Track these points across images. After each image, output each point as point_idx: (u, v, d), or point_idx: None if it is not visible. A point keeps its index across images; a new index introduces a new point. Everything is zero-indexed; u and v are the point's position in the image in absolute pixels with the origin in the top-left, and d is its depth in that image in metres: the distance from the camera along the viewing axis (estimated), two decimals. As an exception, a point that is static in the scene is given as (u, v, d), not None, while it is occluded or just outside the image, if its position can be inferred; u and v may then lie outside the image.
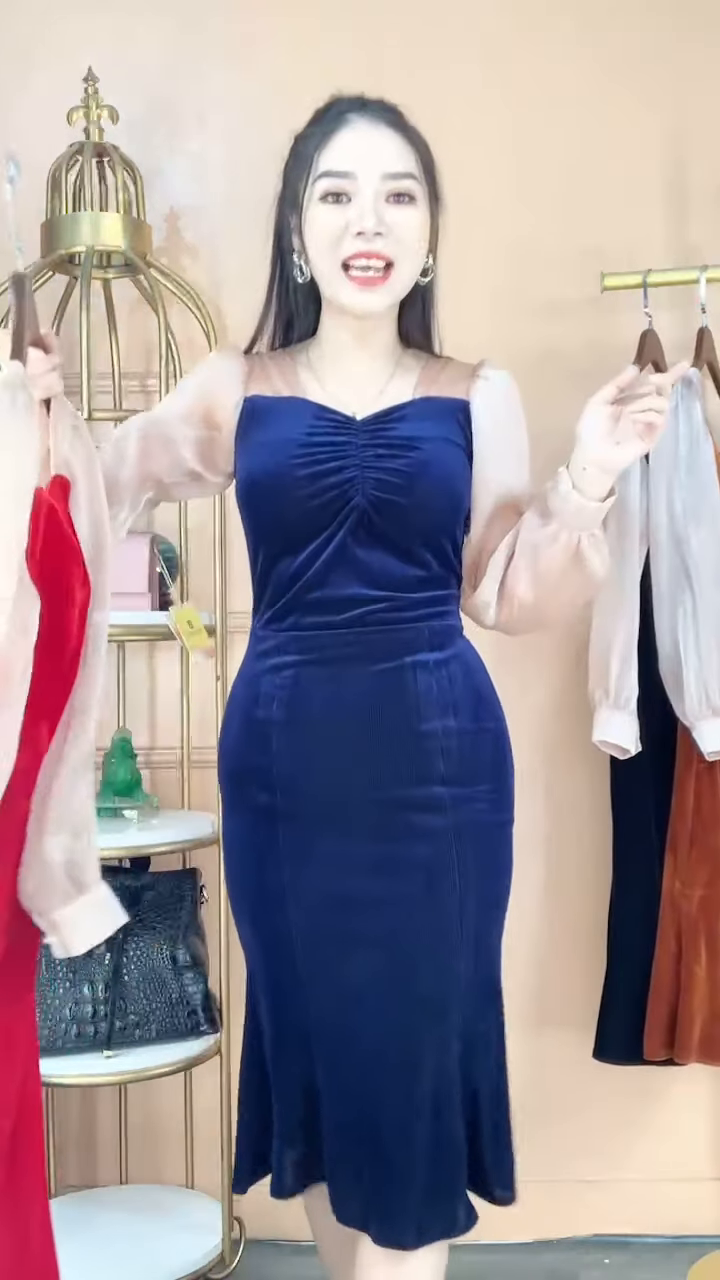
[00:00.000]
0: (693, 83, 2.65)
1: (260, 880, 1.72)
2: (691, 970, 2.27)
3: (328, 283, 1.71)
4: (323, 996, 1.68)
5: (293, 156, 1.77)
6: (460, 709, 1.70)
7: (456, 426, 1.75)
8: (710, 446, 2.25)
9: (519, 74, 2.66)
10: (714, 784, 2.28)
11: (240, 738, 1.74)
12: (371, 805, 1.66)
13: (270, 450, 1.70)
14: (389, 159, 1.69)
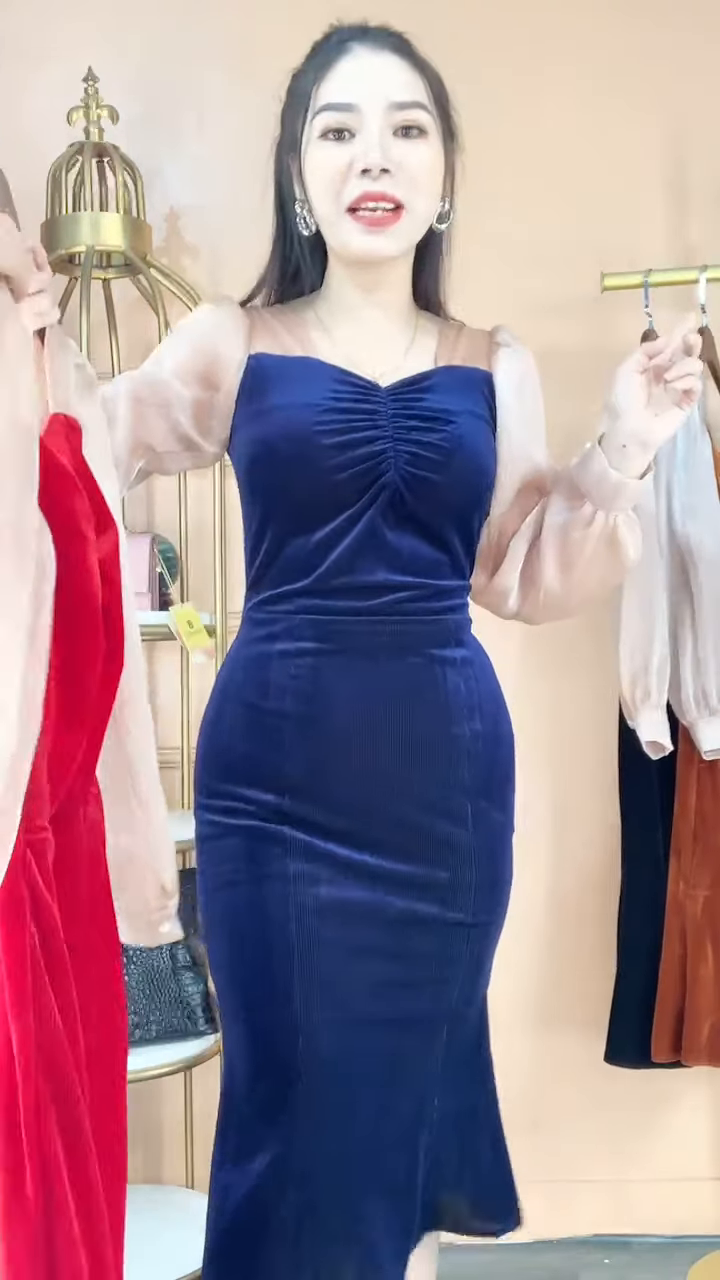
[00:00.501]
0: (693, 82, 2.65)
1: (257, 885, 1.52)
2: (697, 972, 2.27)
3: (332, 229, 1.55)
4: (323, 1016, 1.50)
5: (289, 95, 1.61)
6: (483, 712, 1.59)
7: (481, 399, 1.62)
8: (709, 445, 2.25)
9: (519, 74, 2.66)
10: (715, 784, 2.28)
11: (242, 730, 1.55)
12: (393, 813, 1.52)
13: (289, 415, 1.51)
14: (395, 88, 1.52)
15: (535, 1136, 2.60)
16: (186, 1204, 2.56)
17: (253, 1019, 1.53)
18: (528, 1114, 2.56)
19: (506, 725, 1.64)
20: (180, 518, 2.61)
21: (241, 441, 1.57)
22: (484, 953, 1.61)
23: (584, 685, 2.61)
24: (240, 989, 1.54)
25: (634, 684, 2.23)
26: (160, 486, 2.69)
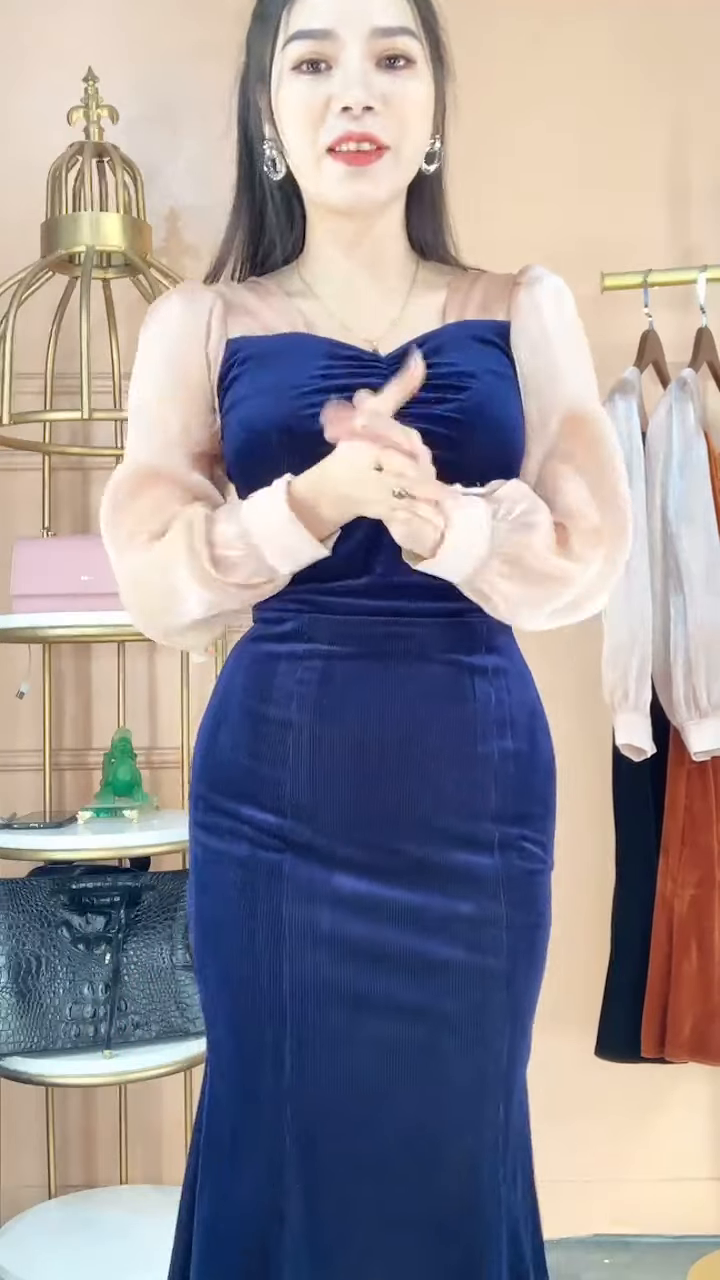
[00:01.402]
0: (693, 82, 2.65)
1: (246, 922, 1.33)
2: (681, 969, 2.27)
3: (309, 175, 1.36)
4: (318, 1081, 1.29)
5: (255, 18, 1.40)
6: (517, 727, 1.39)
7: (500, 354, 1.39)
8: (704, 447, 2.25)
9: (519, 73, 2.66)
10: (705, 784, 2.28)
11: (243, 741, 1.36)
12: (408, 839, 1.32)
13: (273, 399, 1.32)
14: (378, 11, 1.31)
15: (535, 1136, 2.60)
16: (186, 1204, 2.56)
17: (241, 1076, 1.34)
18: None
19: (545, 743, 1.44)
20: (180, 518, 2.61)
21: (228, 434, 1.37)
22: (526, 1008, 1.37)
23: (578, 684, 2.61)
24: (231, 1042, 1.35)
25: (614, 686, 2.24)
26: (160, 486, 2.69)
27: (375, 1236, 1.27)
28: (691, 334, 2.41)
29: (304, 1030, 1.29)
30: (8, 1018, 2.32)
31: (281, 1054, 1.30)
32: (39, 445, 2.60)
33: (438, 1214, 1.28)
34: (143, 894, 2.41)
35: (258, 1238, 1.29)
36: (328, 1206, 1.27)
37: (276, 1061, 1.30)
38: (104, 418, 2.43)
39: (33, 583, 2.38)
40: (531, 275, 1.45)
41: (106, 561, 2.50)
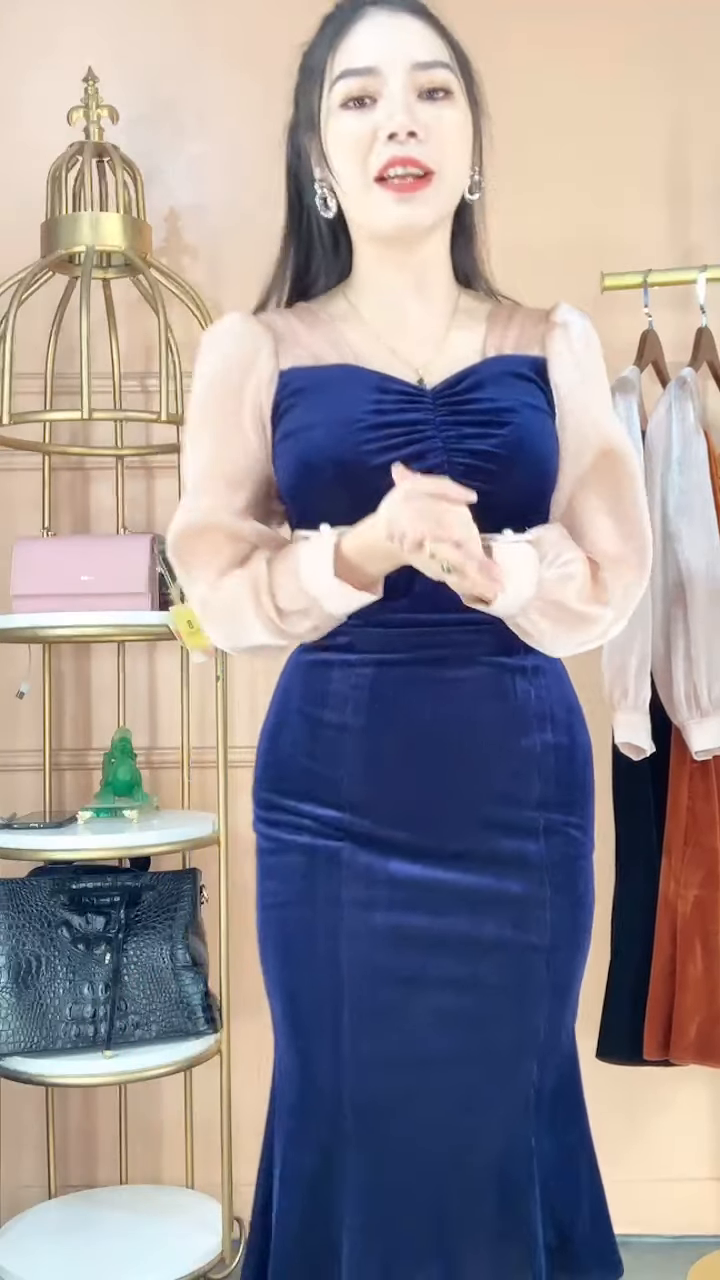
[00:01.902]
0: (693, 82, 2.65)
1: (308, 907, 1.45)
2: (685, 971, 2.27)
3: (359, 204, 1.44)
4: (373, 1052, 1.41)
5: (302, 72, 1.51)
6: (556, 721, 1.48)
7: (538, 390, 1.49)
8: (704, 446, 2.25)
9: (519, 73, 2.66)
10: (707, 785, 2.28)
11: (301, 742, 1.47)
12: (458, 828, 1.42)
13: (326, 433, 1.40)
14: (417, 47, 1.42)
15: (535, 1136, 2.61)
16: (186, 1204, 2.56)
17: (302, 1047, 1.47)
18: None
19: (583, 735, 1.53)
20: (180, 518, 2.61)
21: (282, 465, 1.46)
22: (569, 981, 1.48)
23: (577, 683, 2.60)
24: (291, 1018, 1.48)
25: (613, 684, 2.24)
26: (160, 486, 2.69)
27: (424, 1182, 1.40)
28: (691, 334, 2.41)
29: (360, 1004, 1.41)
30: (8, 1018, 2.32)
31: (340, 1026, 1.41)
32: (39, 445, 2.60)
33: (479, 1160, 1.41)
34: (143, 894, 2.41)
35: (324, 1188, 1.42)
36: (382, 1161, 1.40)
37: (335, 1033, 1.42)
38: (104, 418, 2.43)
39: (33, 583, 2.38)
40: (564, 317, 1.54)
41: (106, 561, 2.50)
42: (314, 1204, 1.43)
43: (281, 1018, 1.49)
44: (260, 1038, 2.65)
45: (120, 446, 2.65)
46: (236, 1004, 2.61)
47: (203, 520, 1.46)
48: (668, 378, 2.41)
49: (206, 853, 2.51)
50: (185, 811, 2.60)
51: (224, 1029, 2.42)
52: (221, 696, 2.46)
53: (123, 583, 2.38)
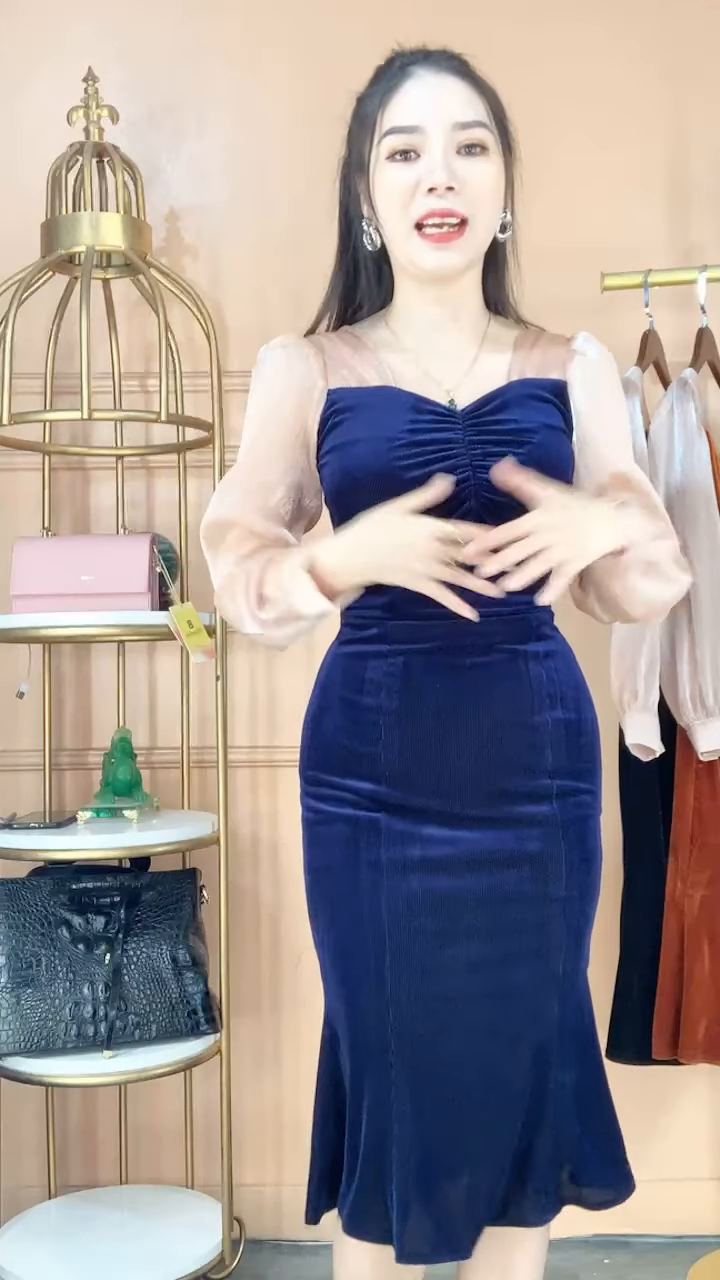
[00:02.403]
0: (693, 82, 2.65)
1: (353, 871, 1.62)
2: (694, 971, 2.27)
3: (401, 246, 1.62)
4: (412, 994, 1.59)
5: (355, 119, 1.68)
6: (565, 700, 1.66)
7: (557, 411, 1.66)
8: (706, 446, 2.25)
9: (519, 73, 2.65)
10: (714, 785, 2.28)
11: (342, 725, 1.64)
12: (482, 795, 1.60)
13: (372, 449, 1.59)
14: (457, 108, 1.60)
15: (535, 1136, 2.61)
16: (186, 1204, 2.56)
17: (349, 996, 1.64)
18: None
19: (590, 712, 1.71)
20: (180, 518, 2.61)
21: (328, 473, 1.65)
22: (582, 926, 1.67)
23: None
24: (338, 966, 1.65)
25: (622, 685, 2.24)
26: (160, 487, 2.69)
27: (456, 1104, 1.59)
28: (692, 334, 2.41)
29: (400, 953, 1.59)
30: (8, 1018, 2.32)
31: (383, 973, 1.59)
32: (39, 445, 2.60)
33: (505, 1086, 1.61)
34: (143, 894, 2.42)
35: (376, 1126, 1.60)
36: (421, 1086, 1.59)
37: (379, 979, 1.59)
38: (104, 418, 2.43)
39: (33, 583, 2.38)
40: (583, 346, 1.72)
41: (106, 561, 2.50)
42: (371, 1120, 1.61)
43: (331, 968, 1.67)
44: (260, 1038, 2.67)
45: (120, 446, 2.65)
46: (236, 1004, 2.61)
47: (230, 515, 1.67)
48: (669, 378, 2.41)
49: (206, 853, 2.51)
50: (185, 811, 2.60)
51: (224, 1029, 2.42)
52: (221, 696, 2.46)
53: (123, 583, 2.38)
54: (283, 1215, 2.66)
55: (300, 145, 2.63)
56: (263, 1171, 2.67)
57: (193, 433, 2.57)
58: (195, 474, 2.64)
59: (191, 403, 2.55)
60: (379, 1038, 1.60)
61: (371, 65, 2.61)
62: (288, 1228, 2.66)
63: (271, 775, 2.67)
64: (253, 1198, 2.66)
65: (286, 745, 2.66)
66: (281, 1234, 2.66)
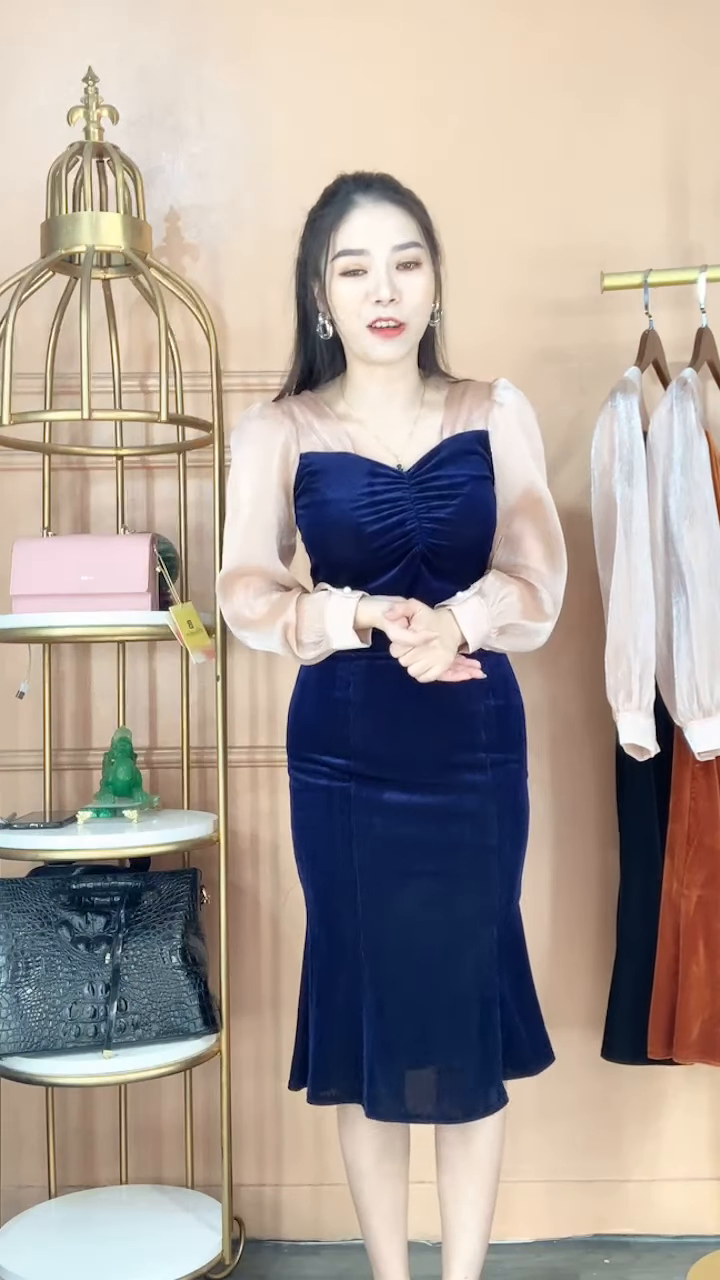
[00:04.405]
0: (693, 82, 2.65)
1: (329, 826, 2.04)
2: (689, 971, 2.27)
3: (356, 340, 2.01)
4: (379, 921, 2.01)
5: (310, 231, 2.02)
6: (496, 690, 2.06)
7: (481, 459, 2.06)
8: (705, 447, 2.25)
9: (519, 73, 2.66)
10: (710, 785, 2.28)
11: (319, 713, 2.06)
12: (430, 766, 2.01)
13: (340, 509, 2.00)
14: (395, 233, 1.97)
15: (536, 1136, 2.60)
16: (186, 1204, 2.56)
17: (328, 923, 2.07)
18: (528, 1113, 2.57)
19: (517, 699, 2.12)
20: (180, 519, 2.61)
21: (306, 524, 2.06)
22: (514, 868, 2.10)
23: (582, 685, 2.61)
24: (320, 902, 2.08)
25: (617, 686, 2.24)
26: (160, 487, 2.69)
27: (416, 1007, 2.00)
28: (692, 333, 2.41)
29: (369, 891, 2.02)
30: (8, 1018, 2.32)
31: (355, 906, 2.03)
32: (39, 445, 2.60)
33: (454, 990, 2.01)
34: (143, 894, 2.41)
35: (351, 1016, 2.03)
36: (388, 991, 2.01)
37: (351, 911, 2.03)
38: (104, 418, 2.43)
39: (33, 583, 2.38)
40: (502, 395, 2.10)
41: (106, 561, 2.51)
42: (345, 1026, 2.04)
43: (314, 903, 2.09)
44: (260, 1038, 2.67)
45: (120, 446, 2.65)
46: (236, 1004, 2.61)
47: (246, 563, 2.07)
48: (668, 377, 2.41)
49: (206, 853, 2.51)
50: (185, 811, 2.60)
51: (224, 1029, 2.42)
52: (221, 696, 2.46)
53: (123, 583, 2.38)
54: (283, 1215, 2.66)
55: (300, 145, 2.63)
56: (263, 1171, 2.67)
57: (193, 433, 2.57)
58: (195, 474, 2.64)
59: (191, 403, 2.55)
60: (352, 955, 2.03)
61: (372, 66, 2.63)
62: (288, 1228, 2.66)
63: (271, 775, 2.67)
64: (253, 1198, 2.66)
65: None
66: (281, 1234, 2.66)
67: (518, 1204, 2.58)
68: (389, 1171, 2.15)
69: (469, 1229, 2.13)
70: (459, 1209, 2.13)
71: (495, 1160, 2.13)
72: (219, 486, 2.45)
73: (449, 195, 2.57)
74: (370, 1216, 2.16)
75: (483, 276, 2.56)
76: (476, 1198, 2.12)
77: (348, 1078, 2.04)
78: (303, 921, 2.14)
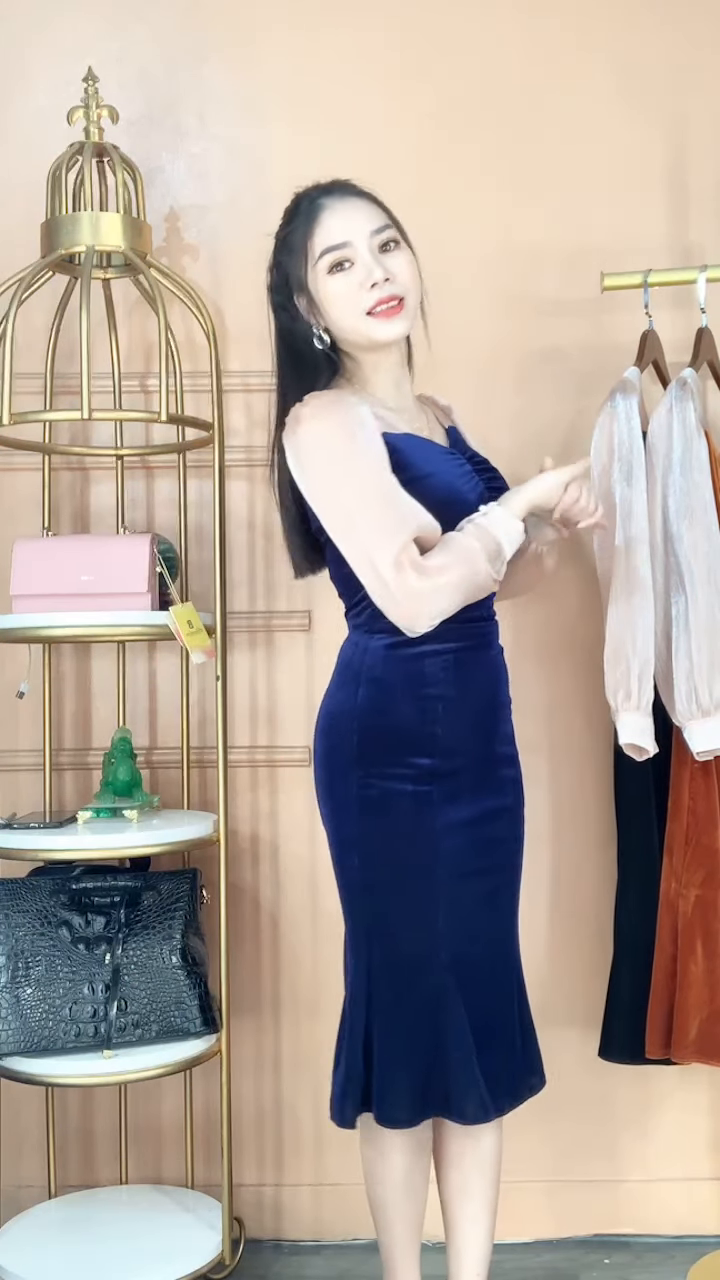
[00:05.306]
0: (693, 81, 2.65)
1: (412, 833, 2.00)
2: (687, 970, 2.27)
3: (358, 331, 2.01)
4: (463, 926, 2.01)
5: (283, 250, 2.04)
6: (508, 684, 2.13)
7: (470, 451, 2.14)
8: (705, 447, 2.25)
9: (519, 73, 2.66)
10: (709, 785, 2.28)
11: (410, 712, 2.00)
12: (492, 761, 2.06)
13: (443, 480, 2.01)
14: (370, 218, 2.00)
15: (535, 1136, 2.60)
16: (186, 1204, 2.56)
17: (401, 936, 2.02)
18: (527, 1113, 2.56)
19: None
20: (180, 519, 2.61)
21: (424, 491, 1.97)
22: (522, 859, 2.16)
23: (580, 685, 2.61)
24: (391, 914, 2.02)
25: (616, 686, 2.24)
26: (160, 487, 2.70)
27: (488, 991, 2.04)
28: (691, 333, 2.41)
29: (452, 896, 2.01)
30: (8, 1018, 2.32)
31: (433, 915, 2.00)
32: (39, 445, 2.60)
33: (508, 975, 2.09)
34: (143, 894, 2.41)
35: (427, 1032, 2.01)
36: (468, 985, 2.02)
37: (430, 921, 2.00)
38: (104, 418, 2.43)
39: (33, 583, 2.38)
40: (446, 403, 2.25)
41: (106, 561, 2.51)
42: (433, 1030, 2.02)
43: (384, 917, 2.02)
44: (260, 1038, 2.67)
45: (120, 446, 2.65)
46: (236, 1004, 2.61)
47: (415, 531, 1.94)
48: (668, 378, 2.41)
49: (207, 853, 2.51)
50: (185, 811, 2.60)
51: (224, 1029, 2.42)
52: (221, 696, 2.46)
53: (123, 583, 2.38)
54: (283, 1215, 2.66)
55: (300, 145, 2.63)
56: (263, 1171, 2.67)
57: (193, 433, 2.57)
58: (195, 474, 2.64)
59: (191, 403, 2.55)
60: (429, 965, 2.00)
61: (372, 65, 2.62)
62: (288, 1228, 2.66)
63: (271, 775, 2.67)
64: (253, 1198, 2.66)
65: (286, 745, 2.66)
66: (281, 1234, 2.66)
67: (517, 1204, 2.58)
68: (417, 1183, 2.12)
69: (480, 1223, 2.13)
70: (468, 1205, 2.13)
71: (500, 1155, 2.15)
72: (219, 486, 2.45)
73: (449, 195, 2.58)
74: (394, 1226, 2.13)
75: (483, 276, 2.56)
76: (486, 1191, 2.13)
77: (436, 1094, 2.02)
78: (303, 922, 2.14)
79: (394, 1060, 2.01)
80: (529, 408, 2.55)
